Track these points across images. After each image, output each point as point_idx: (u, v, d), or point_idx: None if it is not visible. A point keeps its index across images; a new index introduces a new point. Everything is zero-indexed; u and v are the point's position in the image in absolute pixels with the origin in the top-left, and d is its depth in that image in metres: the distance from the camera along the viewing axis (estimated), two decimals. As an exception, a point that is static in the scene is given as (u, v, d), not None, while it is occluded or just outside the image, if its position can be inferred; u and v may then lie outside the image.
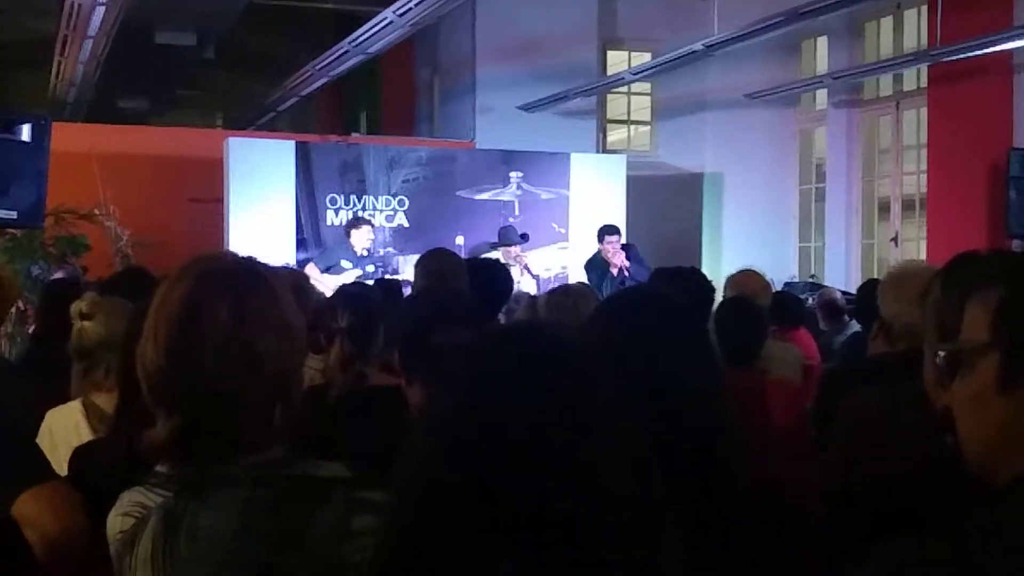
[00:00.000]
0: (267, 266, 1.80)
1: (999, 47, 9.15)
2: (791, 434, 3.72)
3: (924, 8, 10.66)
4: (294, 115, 17.30)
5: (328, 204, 10.60)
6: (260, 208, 10.30)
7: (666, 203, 12.73)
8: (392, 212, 10.82)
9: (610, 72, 13.47)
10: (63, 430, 2.80)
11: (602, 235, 9.27)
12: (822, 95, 13.11)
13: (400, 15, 10.13)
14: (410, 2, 9.72)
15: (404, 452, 1.07)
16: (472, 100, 13.24)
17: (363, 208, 10.65)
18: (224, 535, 1.59)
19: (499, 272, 4.59)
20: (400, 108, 15.80)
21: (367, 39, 11.13)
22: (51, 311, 4.53)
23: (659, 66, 11.72)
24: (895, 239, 11.76)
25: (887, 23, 11.88)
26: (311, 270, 8.85)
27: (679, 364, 1.71)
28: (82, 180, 9.74)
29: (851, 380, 2.98)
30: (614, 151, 13.75)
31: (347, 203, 10.66)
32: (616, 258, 9.06)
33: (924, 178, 11.11)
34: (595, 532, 0.99)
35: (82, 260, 8.99)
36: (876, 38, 12.11)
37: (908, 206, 11.74)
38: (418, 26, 10.63)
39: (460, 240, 10.51)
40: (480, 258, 8.09)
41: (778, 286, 8.27)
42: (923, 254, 10.75)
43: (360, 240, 9.41)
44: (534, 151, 11.61)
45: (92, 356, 2.86)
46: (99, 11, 10.02)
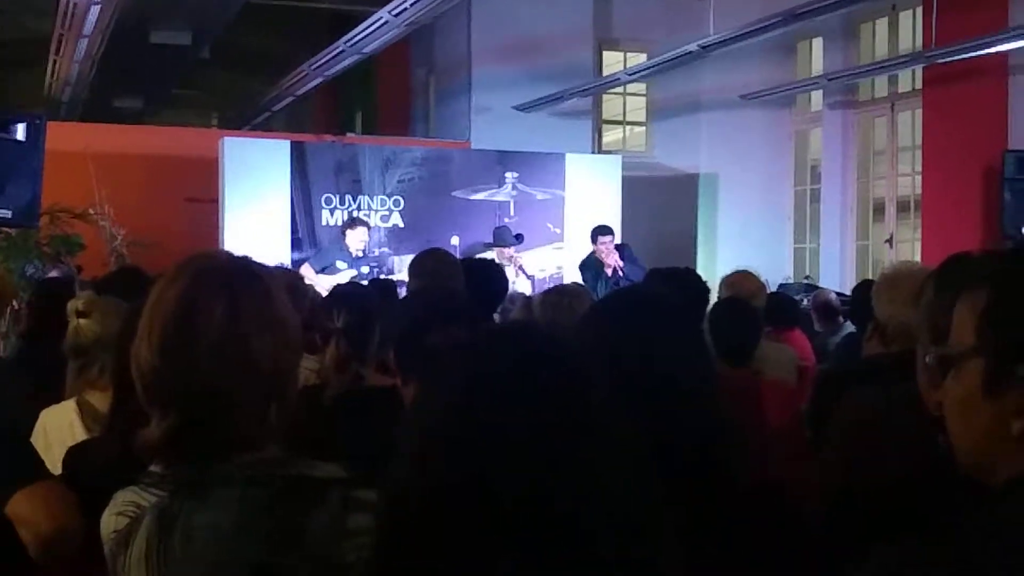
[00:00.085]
0: (262, 265, 1.80)
1: (994, 49, 9.17)
2: (786, 435, 3.73)
3: (919, 9, 10.67)
4: (290, 115, 17.30)
5: (323, 204, 10.60)
6: (255, 208, 10.29)
7: (661, 204, 12.73)
8: (387, 212, 10.81)
9: (606, 73, 13.47)
10: (57, 429, 2.80)
11: (595, 236, 9.27)
12: (817, 96, 13.12)
13: (396, 15, 10.13)
14: (406, 2, 9.72)
15: (397, 451, 1.07)
16: (468, 100, 13.23)
17: (358, 208, 10.64)
18: (219, 535, 1.59)
19: (494, 272, 4.59)
20: (396, 108, 15.79)
21: (363, 39, 11.14)
22: (43, 310, 4.52)
23: (655, 67, 11.73)
24: (890, 240, 11.77)
25: (882, 24, 11.89)
26: (306, 271, 8.85)
27: (674, 364, 1.71)
28: (77, 179, 9.73)
29: (846, 381, 2.98)
30: (609, 152, 13.75)
31: (342, 203, 10.66)
32: (610, 258, 9.06)
33: (919, 179, 11.12)
34: (593, 531, 0.99)
35: (77, 259, 8.99)
36: (871, 39, 12.13)
37: (903, 207, 11.75)
38: (414, 26, 10.64)
39: (455, 240, 10.51)
40: (475, 258, 8.10)
41: (773, 287, 8.28)
42: (918, 255, 10.77)
43: (355, 241, 9.41)
44: (529, 151, 11.61)
45: (88, 354, 2.85)
46: (94, 10, 10.01)
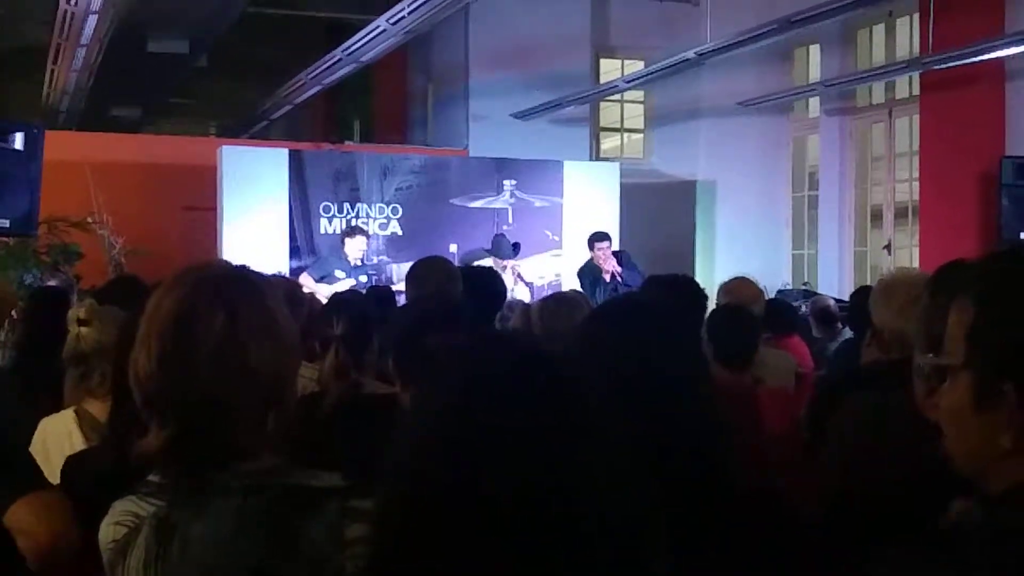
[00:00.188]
0: (260, 274, 1.80)
1: (991, 55, 9.17)
2: (784, 440, 3.73)
3: (916, 16, 10.68)
4: (287, 123, 17.29)
5: (322, 212, 10.60)
6: (254, 216, 10.29)
7: (659, 211, 12.74)
8: (386, 220, 10.82)
9: (603, 80, 13.49)
10: (56, 438, 2.80)
11: (592, 242, 9.28)
12: (815, 103, 13.13)
13: (393, 23, 10.13)
14: (403, 10, 9.72)
15: (393, 453, 1.07)
16: (465, 108, 13.24)
17: (356, 216, 10.65)
18: (217, 544, 1.59)
19: (493, 279, 4.59)
20: (393, 116, 15.80)
21: (360, 47, 11.14)
22: (38, 319, 4.50)
23: (652, 74, 11.73)
24: (888, 247, 11.77)
25: (879, 31, 11.91)
26: (305, 279, 8.86)
27: (670, 369, 1.71)
28: (75, 188, 9.74)
29: (845, 387, 2.99)
30: (607, 159, 13.77)
31: (340, 211, 10.66)
32: (607, 264, 9.08)
33: (917, 185, 11.12)
34: (590, 534, 0.99)
35: (75, 268, 8.98)
36: (868, 46, 12.14)
37: (901, 213, 11.76)
38: (411, 34, 10.63)
39: (454, 248, 10.51)
40: (473, 265, 8.10)
41: (771, 293, 8.29)
42: (916, 261, 10.76)
43: (354, 249, 9.42)
44: (527, 159, 11.62)
45: (88, 363, 2.85)
46: (92, 20, 10.01)
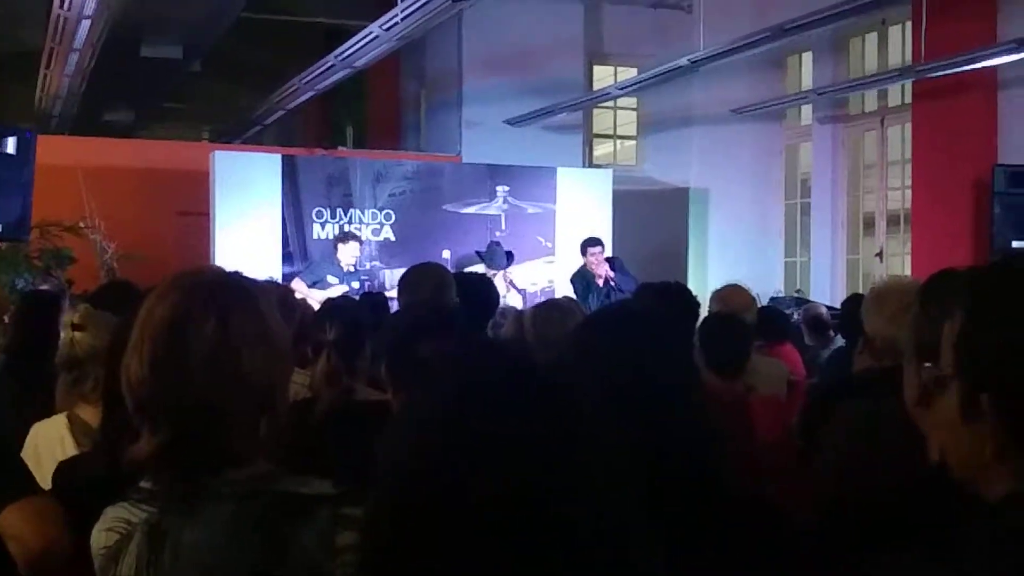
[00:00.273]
0: (253, 280, 1.80)
1: (983, 63, 9.20)
2: (776, 448, 3.73)
3: (908, 24, 10.71)
4: (280, 128, 17.30)
5: (314, 217, 10.59)
6: (246, 221, 10.28)
7: (652, 217, 12.75)
8: (378, 226, 10.81)
9: (596, 87, 13.51)
10: (48, 443, 2.79)
11: (585, 247, 9.30)
12: (807, 110, 13.16)
13: (386, 29, 10.14)
14: (396, 16, 9.74)
15: (381, 460, 1.06)
16: (458, 114, 13.26)
17: (349, 221, 10.64)
18: (209, 551, 1.59)
19: (486, 286, 4.59)
20: (386, 122, 15.81)
21: (353, 53, 11.15)
22: (30, 323, 4.49)
23: (645, 81, 11.76)
24: (880, 254, 11.79)
25: (872, 39, 11.94)
26: (297, 285, 8.84)
27: (663, 377, 1.71)
28: (68, 193, 9.73)
29: (837, 395, 2.99)
30: (600, 166, 13.78)
31: (333, 216, 10.66)
32: (600, 268, 9.09)
33: (909, 193, 11.15)
34: (583, 540, 0.99)
35: (67, 273, 8.97)
36: (861, 54, 12.17)
37: (893, 221, 11.78)
38: (405, 40, 10.64)
39: (446, 254, 10.52)
40: (467, 272, 8.10)
41: (763, 301, 8.28)
42: (908, 269, 10.79)
43: (347, 255, 9.40)
44: (520, 165, 11.63)
45: (82, 368, 2.85)
46: (85, 24, 10.00)
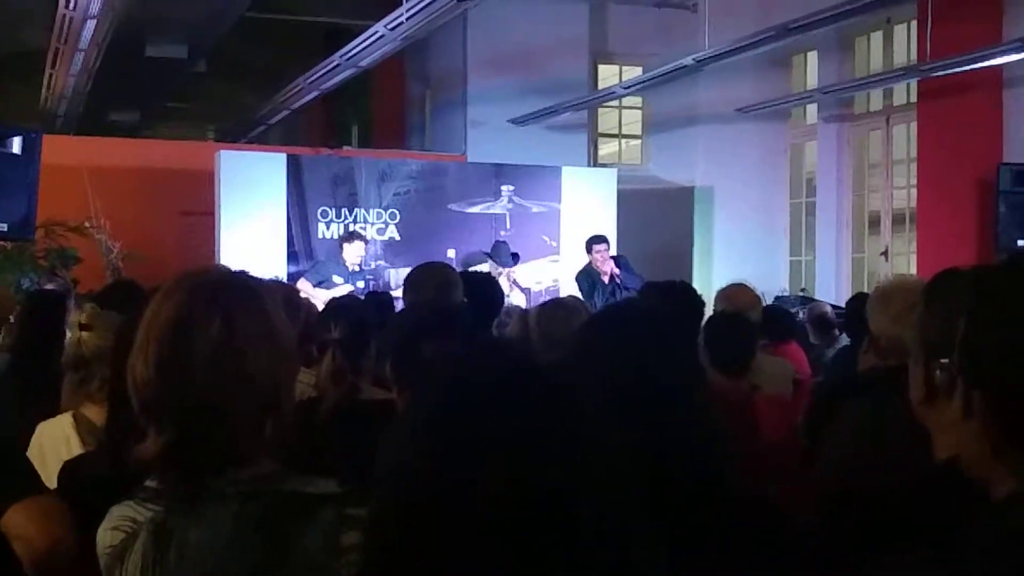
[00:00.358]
0: (259, 279, 1.80)
1: (988, 62, 9.19)
2: (782, 448, 3.73)
3: (914, 23, 10.70)
4: (285, 128, 17.30)
5: (319, 217, 10.60)
6: (251, 221, 10.29)
7: (657, 217, 12.74)
8: (383, 225, 10.82)
9: (601, 86, 13.50)
10: (53, 443, 2.80)
11: (590, 245, 9.30)
12: (812, 110, 13.14)
13: (391, 29, 10.15)
14: (401, 16, 9.74)
15: (384, 460, 1.06)
16: (463, 114, 13.25)
17: (354, 221, 10.65)
18: (214, 550, 1.59)
19: (491, 285, 4.60)
20: (391, 121, 15.81)
21: (358, 53, 11.15)
22: (36, 322, 4.49)
23: (650, 80, 11.75)
24: (885, 253, 11.78)
25: (877, 38, 11.92)
26: (303, 284, 8.84)
27: (665, 378, 1.71)
28: (73, 193, 9.75)
29: (842, 394, 2.99)
30: (605, 165, 13.77)
31: (338, 216, 10.66)
32: (606, 265, 9.09)
33: (914, 192, 11.14)
34: (585, 539, 0.99)
35: (72, 273, 8.98)
36: (866, 53, 12.16)
37: (898, 220, 11.76)
38: (409, 40, 10.64)
39: (451, 253, 10.53)
40: (472, 271, 8.10)
41: (769, 300, 8.28)
42: (913, 268, 10.78)
43: (352, 255, 9.41)
44: (525, 164, 11.64)
45: (89, 367, 2.85)
46: (90, 24, 10.01)
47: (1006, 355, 1.20)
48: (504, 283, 9.01)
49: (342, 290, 8.82)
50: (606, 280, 9.06)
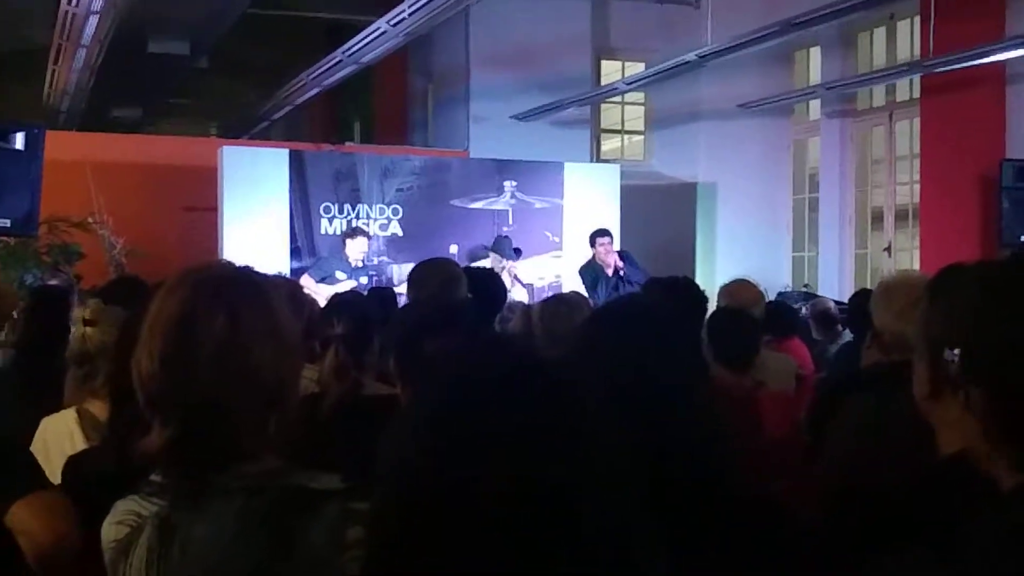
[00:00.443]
0: (263, 275, 1.80)
1: (991, 58, 9.18)
2: (785, 444, 3.73)
3: (917, 19, 10.69)
4: (288, 124, 17.31)
5: (322, 213, 10.60)
6: (254, 217, 10.29)
7: (660, 213, 12.73)
8: (386, 221, 10.82)
9: (604, 82, 13.50)
10: (57, 438, 2.80)
11: (594, 239, 9.30)
12: (815, 105, 13.14)
13: (394, 25, 10.14)
14: (404, 12, 9.73)
15: (387, 456, 1.06)
16: (466, 109, 13.26)
17: (357, 216, 10.65)
18: (218, 545, 1.59)
19: (493, 281, 4.60)
20: (394, 117, 15.82)
21: (361, 48, 11.15)
22: (39, 318, 4.50)
23: (652, 76, 11.74)
24: (888, 249, 11.78)
25: (880, 34, 11.91)
26: (306, 280, 8.85)
27: (666, 377, 1.71)
28: (76, 188, 9.77)
29: (845, 390, 2.99)
30: (608, 161, 13.78)
31: (341, 212, 10.66)
32: (609, 258, 9.09)
33: (917, 188, 11.13)
34: (585, 537, 0.99)
35: (76, 268, 8.99)
36: (869, 49, 12.15)
37: (901, 216, 11.76)
38: (412, 36, 10.64)
39: (454, 249, 10.52)
40: (474, 267, 8.10)
41: (771, 296, 8.28)
42: (917, 264, 10.77)
43: (355, 251, 9.42)
44: (528, 160, 11.63)
45: (93, 363, 2.86)
46: (93, 20, 10.02)
47: (1007, 354, 1.20)
48: (506, 278, 9.01)
49: (345, 286, 8.82)
50: (610, 273, 9.06)
